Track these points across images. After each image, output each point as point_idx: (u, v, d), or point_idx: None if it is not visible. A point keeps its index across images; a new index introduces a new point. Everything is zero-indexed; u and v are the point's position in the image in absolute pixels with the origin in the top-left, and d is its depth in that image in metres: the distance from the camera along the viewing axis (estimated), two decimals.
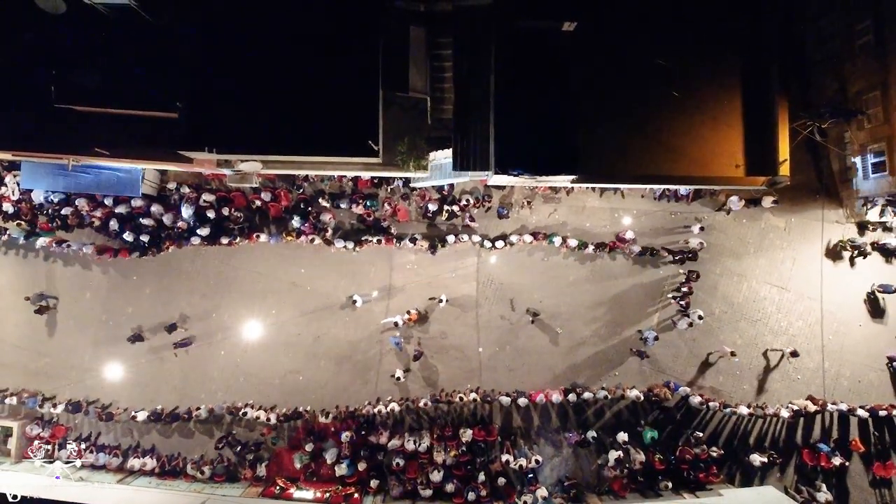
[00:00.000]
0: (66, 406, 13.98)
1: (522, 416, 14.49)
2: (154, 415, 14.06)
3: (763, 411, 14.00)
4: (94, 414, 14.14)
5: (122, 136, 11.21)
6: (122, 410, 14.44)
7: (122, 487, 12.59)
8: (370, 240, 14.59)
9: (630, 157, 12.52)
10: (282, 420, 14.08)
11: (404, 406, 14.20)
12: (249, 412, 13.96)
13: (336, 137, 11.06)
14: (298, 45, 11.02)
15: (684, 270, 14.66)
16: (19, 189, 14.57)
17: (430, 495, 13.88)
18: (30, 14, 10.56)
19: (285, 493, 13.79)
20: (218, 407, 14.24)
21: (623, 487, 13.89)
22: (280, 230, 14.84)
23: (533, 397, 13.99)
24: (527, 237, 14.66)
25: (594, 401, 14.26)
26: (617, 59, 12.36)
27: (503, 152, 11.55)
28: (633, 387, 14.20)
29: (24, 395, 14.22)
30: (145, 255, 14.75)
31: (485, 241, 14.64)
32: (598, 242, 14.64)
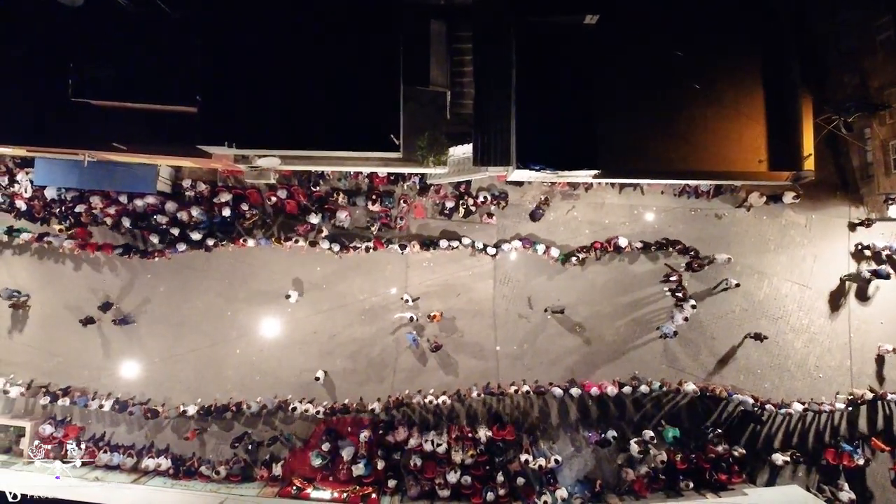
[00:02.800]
0: (113, 405, 13.83)
1: (541, 415, 14.34)
2: (203, 410, 13.86)
3: (819, 407, 13.83)
4: (139, 412, 13.95)
5: (139, 131, 11.07)
6: (171, 408, 14.28)
7: (139, 487, 12.42)
8: (358, 246, 14.33)
9: (652, 152, 12.39)
10: (328, 413, 13.93)
11: (454, 398, 14.05)
12: (298, 406, 13.77)
13: (357, 132, 10.91)
14: (319, 38, 10.85)
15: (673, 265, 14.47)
16: (32, 186, 14.42)
17: (448, 495, 13.79)
18: (47, 6, 10.43)
19: (302, 493, 13.61)
20: (269, 401, 14.03)
21: (644, 487, 13.74)
22: (294, 227, 14.69)
23: (587, 388, 13.80)
24: (516, 243, 14.46)
25: (632, 396, 14.09)
26: (638, 53, 12.24)
27: (524, 147, 11.42)
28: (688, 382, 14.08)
29: (75, 395, 14.07)
30: (129, 254, 14.39)
31: (475, 243, 14.42)
32: (581, 247, 14.46)
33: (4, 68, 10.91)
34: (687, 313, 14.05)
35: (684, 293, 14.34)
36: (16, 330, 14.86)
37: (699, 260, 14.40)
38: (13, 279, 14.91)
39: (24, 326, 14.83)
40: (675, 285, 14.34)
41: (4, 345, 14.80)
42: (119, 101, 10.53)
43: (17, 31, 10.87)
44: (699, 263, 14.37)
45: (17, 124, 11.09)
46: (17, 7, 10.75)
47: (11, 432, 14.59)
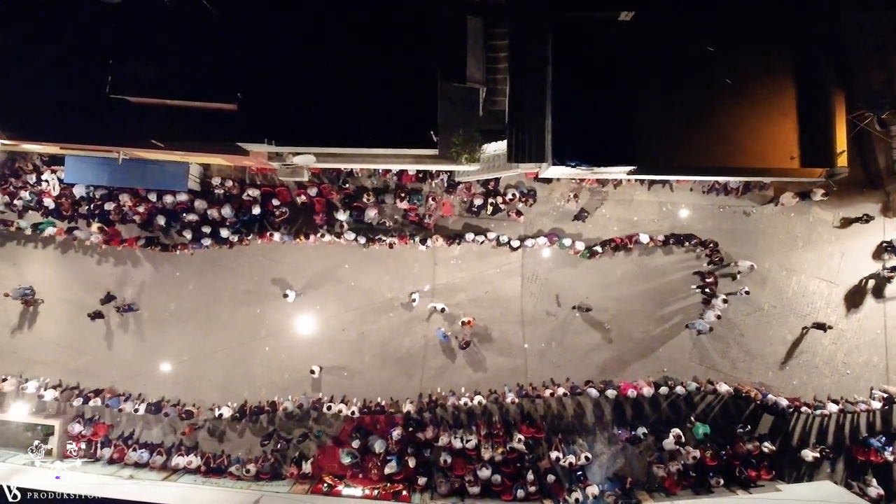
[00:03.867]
0: (148, 407, 13.78)
1: (572, 413, 14.34)
2: (239, 412, 13.84)
3: (853, 406, 13.82)
4: (174, 414, 13.91)
5: (175, 129, 10.99)
6: (206, 410, 14.25)
7: (175, 485, 12.41)
8: (384, 239, 14.38)
9: (685, 149, 12.38)
10: (364, 412, 13.91)
11: (491, 399, 14.03)
12: (333, 406, 13.76)
13: (396, 129, 10.90)
14: (358, 35, 10.86)
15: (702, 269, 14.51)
16: (60, 184, 14.41)
17: (478, 492, 13.79)
18: (85, 2, 10.44)
19: (333, 489, 13.63)
20: (305, 400, 14.02)
21: (675, 484, 13.75)
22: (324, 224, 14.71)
23: (623, 390, 13.78)
24: (541, 239, 14.50)
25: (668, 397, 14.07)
26: (671, 49, 12.21)
27: (561, 143, 11.41)
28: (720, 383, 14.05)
29: (107, 396, 14.04)
30: (151, 247, 14.46)
31: (500, 238, 14.43)
32: (604, 240, 14.47)
33: (42, 66, 10.86)
34: (719, 311, 14.05)
35: (713, 290, 14.42)
36: (44, 329, 14.83)
37: (718, 253, 14.44)
38: (39, 276, 14.90)
39: (52, 325, 14.81)
40: (708, 286, 14.41)
41: (33, 344, 14.79)
42: (158, 99, 10.49)
43: (54, 27, 10.83)
44: (719, 257, 14.42)
45: (53, 122, 11.02)
46: (55, 3, 10.72)
47: (39, 431, 14.58)
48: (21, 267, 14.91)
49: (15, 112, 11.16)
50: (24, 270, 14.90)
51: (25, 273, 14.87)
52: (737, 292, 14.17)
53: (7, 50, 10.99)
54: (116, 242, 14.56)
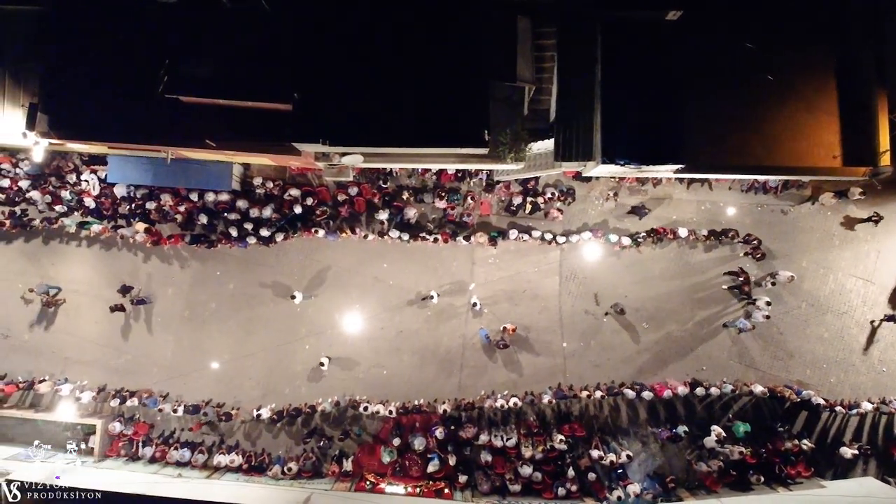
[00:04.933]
0: (186, 407, 13.79)
1: (611, 412, 14.40)
2: (277, 413, 13.87)
3: (888, 406, 13.89)
4: (213, 415, 13.94)
5: (228, 128, 11.05)
6: (245, 411, 14.27)
7: (226, 483, 12.43)
8: (427, 237, 14.49)
9: (731, 148, 12.41)
10: (401, 413, 13.93)
11: (526, 401, 14.06)
12: (370, 406, 13.80)
13: (447, 128, 10.92)
14: (411, 35, 10.88)
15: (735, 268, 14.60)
16: (100, 183, 14.44)
17: (519, 490, 13.84)
18: (139, 1, 10.48)
19: (376, 487, 13.69)
20: (343, 399, 14.06)
21: (715, 482, 13.81)
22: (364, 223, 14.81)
23: (659, 391, 13.83)
24: (585, 235, 14.56)
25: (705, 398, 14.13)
26: (717, 48, 12.26)
27: (611, 142, 11.47)
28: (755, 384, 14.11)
29: (143, 396, 14.05)
30: (197, 244, 14.55)
31: (545, 235, 14.54)
32: (647, 230, 14.57)
33: (94, 66, 10.91)
34: (766, 311, 14.12)
35: (749, 290, 14.48)
36: (84, 328, 14.86)
37: (760, 249, 14.52)
38: (79, 275, 14.92)
39: (93, 324, 14.83)
40: (741, 282, 14.47)
41: (73, 343, 14.82)
42: (213, 99, 10.53)
43: (108, 27, 10.86)
44: (761, 253, 14.49)
45: (104, 121, 11.08)
46: (110, 3, 10.76)
47: (79, 430, 14.63)
48: (60, 266, 14.95)
49: (66, 112, 11.22)
50: (65, 269, 14.93)
51: (65, 272, 14.91)
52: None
53: (60, 50, 11.04)
54: (164, 241, 14.65)
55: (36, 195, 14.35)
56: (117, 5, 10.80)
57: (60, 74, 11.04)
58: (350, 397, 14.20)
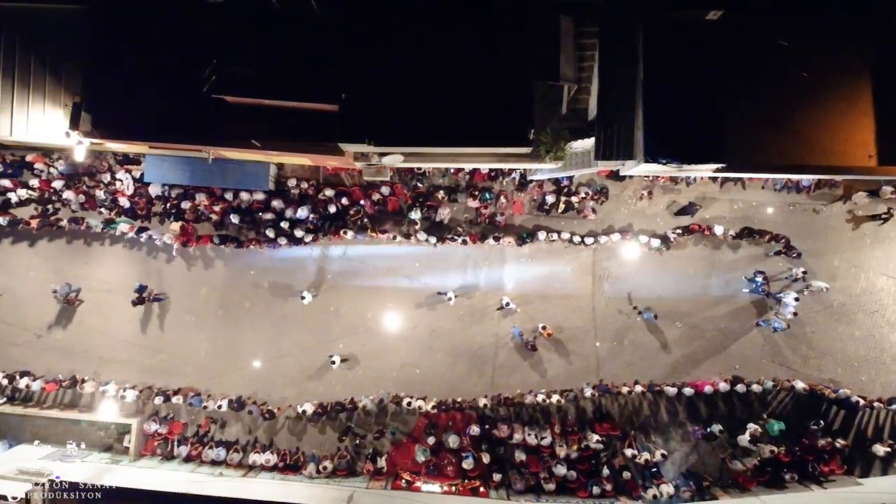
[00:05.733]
0: (230, 404, 13.80)
1: (645, 411, 14.44)
2: (321, 408, 13.90)
3: None
4: (257, 412, 13.97)
5: (273, 129, 11.04)
6: (288, 407, 14.33)
7: (268, 482, 12.48)
8: (455, 239, 14.51)
9: (769, 147, 12.43)
10: (442, 409, 13.99)
11: (569, 398, 14.11)
12: (412, 402, 13.84)
13: (491, 127, 10.92)
14: (456, 36, 10.86)
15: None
16: (134, 183, 14.44)
17: (554, 489, 13.89)
18: (188, 2, 10.47)
19: (412, 486, 13.74)
20: (385, 395, 14.12)
21: (749, 480, 13.87)
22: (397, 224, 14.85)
23: (700, 387, 13.89)
24: (614, 236, 14.59)
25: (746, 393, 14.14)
26: (756, 47, 12.29)
27: (654, 141, 11.44)
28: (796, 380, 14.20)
29: (189, 394, 14.07)
30: (226, 244, 14.57)
31: (574, 237, 14.56)
32: (683, 227, 14.57)
33: (139, 65, 10.88)
34: (793, 307, 14.16)
35: (766, 289, 14.51)
36: (117, 328, 14.88)
37: (794, 248, 14.51)
38: (112, 275, 14.91)
39: (126, 324, 14.85)
40: (762, 282, 14.51)
41: (107, 343, 14.84)
42: (259, 99, 10.51)
43: (152, 26, 10.85)
44: (797, 252, 14.49)
45: (147, 121, 11.06)
46: (159, 3, 10.75)
47: (113, 430, 14.67)
48: (93, 266, 14.97)
49: (109, 111, 11.19)
50: (98, 269, 14.95)
51: (98, 272, 14.92)
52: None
53: (103, 50, 11.02)
54: (193, 242, 14.66)
55: (70, 195, 14.35)
56: (161, 4, 10.78)
57: (104, 74, 11.00)
58: (392, 393, 14.22)
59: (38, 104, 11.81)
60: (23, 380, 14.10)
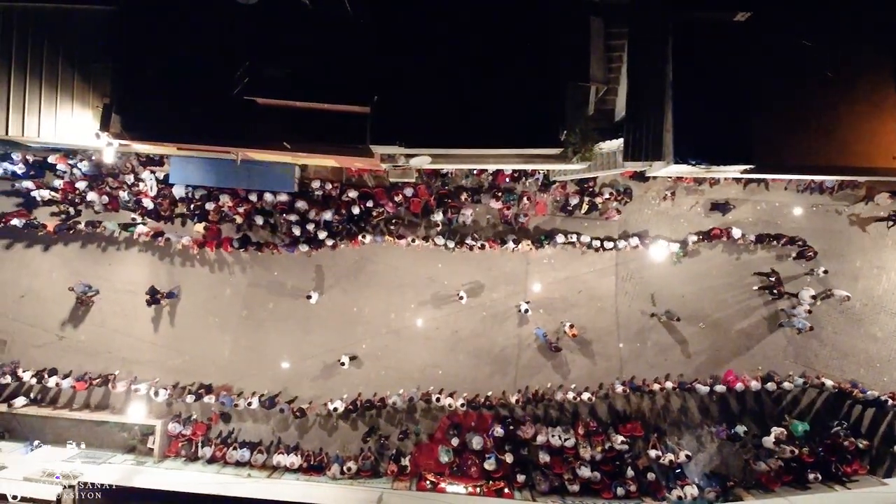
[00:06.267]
0: (262, 403, 13.78)
1: (669, 411, 14.46)
2: (352, 406, 13.93)
3: None
4: (288, 411, 13.97)
5: (300, 130, 11.06)
6: (319, 405, 14.34)
7: (299, 482, 12.49)
8: (473, 243, 14.52)
9: (797, 148, 12.42)
10: (473, 407, 14.03)
11: (600, 395, 14.15)
12: (442, 400, 13.85)
13: (521, 128, 10.93)
14: (487, 37, 10.84)
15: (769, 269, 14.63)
16: (157, 184, 14.42)
17: (578, 490, 13.89)
18: (219, 3, 10.45)
19: (437, 487, 13.75)
20: (414, 394, 14.16)
21: (772, 480, 13.89)
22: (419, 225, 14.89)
23: (732, 383, 13.91)
24: (633, 241, 14.60)
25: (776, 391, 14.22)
26: (783, 48, 12.28)
27: (684, 142, 11.44)
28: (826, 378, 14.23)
29: (221, 394, 14.05)
30: (245, 248, 14.58)
31: (593, 242, 14.55)
32: (699, 232, 14.56)
33: (168, 66, 10.88)
34: (808, 305, 14.21)
35: (780, 291, 14.52)
36: (140, 329, 14.87)
37: (810, 248, 14.51)
38: (134, 276, 14.89)
39: (148, 325, 14.85)
40: (773, 283, 14.49)
41: (131, 344, 14.83)
42: (291, 101, 10.50)
43: (182, 27, 10.83)
44: (813, 251, 14.47)
45: (179, 122, 11.05)
46: (189, 4, 10.73)
47: (136, 431, 14.66)
48: (116, 267, 14.96)
49: (140, 113, 11.21)
50: (120, 270, 14.95)
51: (120, 273, 14.92)
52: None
53: (133, 51, 11.02)
54: (211, 245, 14.66)
55: (93, 196, 14.33)
56: (191, 5, 10.75)
57: (133, 75, 11.02)
58: (422, 391, 14.24)
59: (67, 105, 11.76)
60: (52, 378, 14.08)
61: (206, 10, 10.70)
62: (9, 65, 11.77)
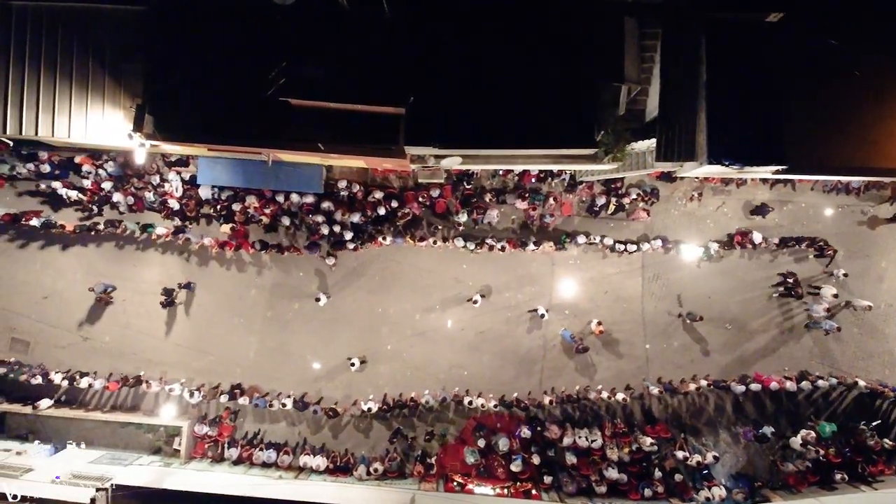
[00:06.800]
0: (295, 404, 13.75)
1: (695, 412, 14.45)
2: (386, 406, 13.92)
3: None
4: (320, 413, 13.96)
5: (334, 131, 11.00)
6: (352, 405, 14.34)
7: (332, 484, 12.46)
8: (494, 245, 14.49)
9: (829, 149, 12.40)
10: (508, 406, 14.03)
11: (634, 395, 14.20)
12: (475, 400, 13.84)
13: (556, 129, 10.89)
14: (521, 37, 10.80)
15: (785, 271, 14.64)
16: (183, 185, 14.36)
17: (605, 491, 13.88)
18: (256, 4, 10.38)
19: (465, 488, 13.74)
20: (446, 394, 14.15)
21: (799, 481, 13.89)
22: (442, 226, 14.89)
23: (766, 383, 13.92)
24: (656, 243, 14.58)
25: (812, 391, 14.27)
26: (816, 50, 12.22)
27: (718, 143, 11.40)
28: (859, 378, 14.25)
29: (255, 395, 14.00)
30: (266, 250, 14.55)
31: (616, 245, 14.51)
32: (721, 241, 14.56)
33: (201, 67, 10.79)
34: (827, 303, 14.21)
35: (798, 292, 14.51)
36: (165, 330, 14.83)
37: (830, 246, 14.51)
38: (160, 277, 14.81)
39: (173, 326, 14.80)
40: (791, 284, 14.50)
41: (155, 345, 14.79)
42: (326, 102, 10.45)
43: (216, 28, 10.74)
44: (833, 249, 14.48)
45: (212, 123, 10.99)
46: (223, 3, 10.65)
47: (162, 432, 14.63)
48: (140, 269, 14.89)
49: (172, 114, 11.15)
50: (144, 272, 14.88)
51: (145, 274, 14.84)
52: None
53: (166, 51, 10.95)
54: (230, 246, 14.62)
55: (119, 197, 14.27)
56: (226, 4, 10.67)
57: (167, 75, 10.96)
58: (454, 391, 14.22)
59: (97, 106, 11.71)
60: (84, 379, 14.04)
61: (240, 9, 10.63)
62: (38, 65, 11.74)
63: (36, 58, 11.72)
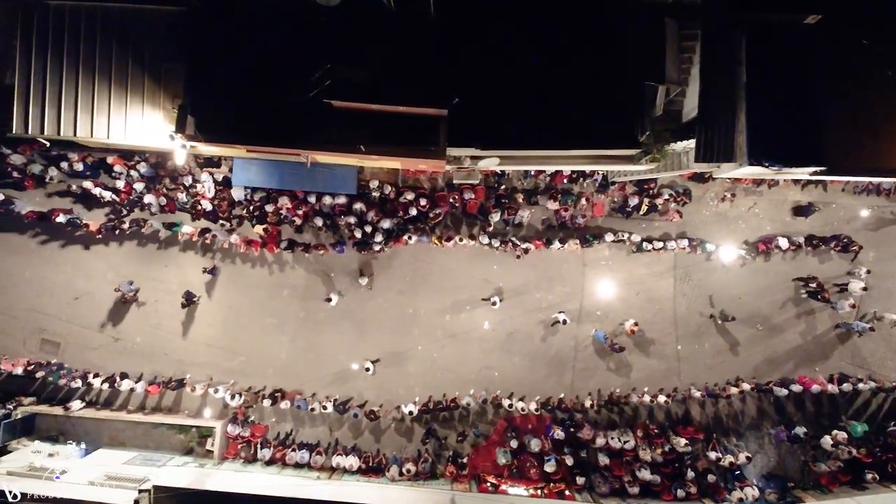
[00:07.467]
0: (336, 406, 13.75)
1: (727, 413, 14.47)
2: (425, 408, 13.93)
3: None
4: (361, 416, 13.98)
5: (374, 133, 10.96)
6: (393, 408, 14.34)
7: (373, 484, 12.48)
8: (517, 243, 14.48)
9: (866, 150, 12.43)
10: (551, 408, 14.07)
11: (674, 397, 14.22)
12: (515, 403, 13.86)
13: (599, 129, 10.90)
14: (564, 38, 10.79)
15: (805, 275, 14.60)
16: (215, 186, 14.34)
17: (638, 492, 13.90)
18: (300, 5, 10.36)
19: (498, 489, 13.75)
20: (484, 395, 14.17)
21: (831, 481, 13.91)
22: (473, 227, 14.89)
23: (808, 385, 13.95)
24: (682, 242, 14.57)
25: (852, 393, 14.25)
26: (853, 51, 12.23)
27: (757, 144, 11.42)
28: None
29: (296, 398, 14.00)
30: (292, 249, 14.54)
31: (643, 244, 14.52)
32: (747, 248, 14.58)
33: (243, 68, 10.75)
34: (853, 299, 14.22)
35: (824, 296, 14.48)
36: (195, 331, 14.82)
37: (855, 242, 14.49)
38: (190, 277, 14.78)
39: (205, 327, 14.80)
40: (815, 289, 14.49)
41: (184, 346, 14.78)
42: (369, 104, 10.43)
43: (258, 28, 10.72)
44: (858, 245, 14.46)
45: (253, 124, 10.95)
46: (266, 4, 10.62)
47: (194, 433, 14.63)
48: (171, 269, 14.88)
49: (213, 115, 11.10)
50: (175, 273, 14.86)
51: (176, 275, 14.83)
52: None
53: (207, 52, 10.91)
54: (256, 245, 14.59)
55: (150, 198, 14.24)
56: (268, 5, 10.64)
57: (208, 76, 10.91)
58: (493, 394, 14.24)
59: (137, 106, 11.69)
60: (124, 382, 14.03)
61: (283, 10, 10.61)
62: (76, 65, 11.71)
63: (74, 58, 11.68)
